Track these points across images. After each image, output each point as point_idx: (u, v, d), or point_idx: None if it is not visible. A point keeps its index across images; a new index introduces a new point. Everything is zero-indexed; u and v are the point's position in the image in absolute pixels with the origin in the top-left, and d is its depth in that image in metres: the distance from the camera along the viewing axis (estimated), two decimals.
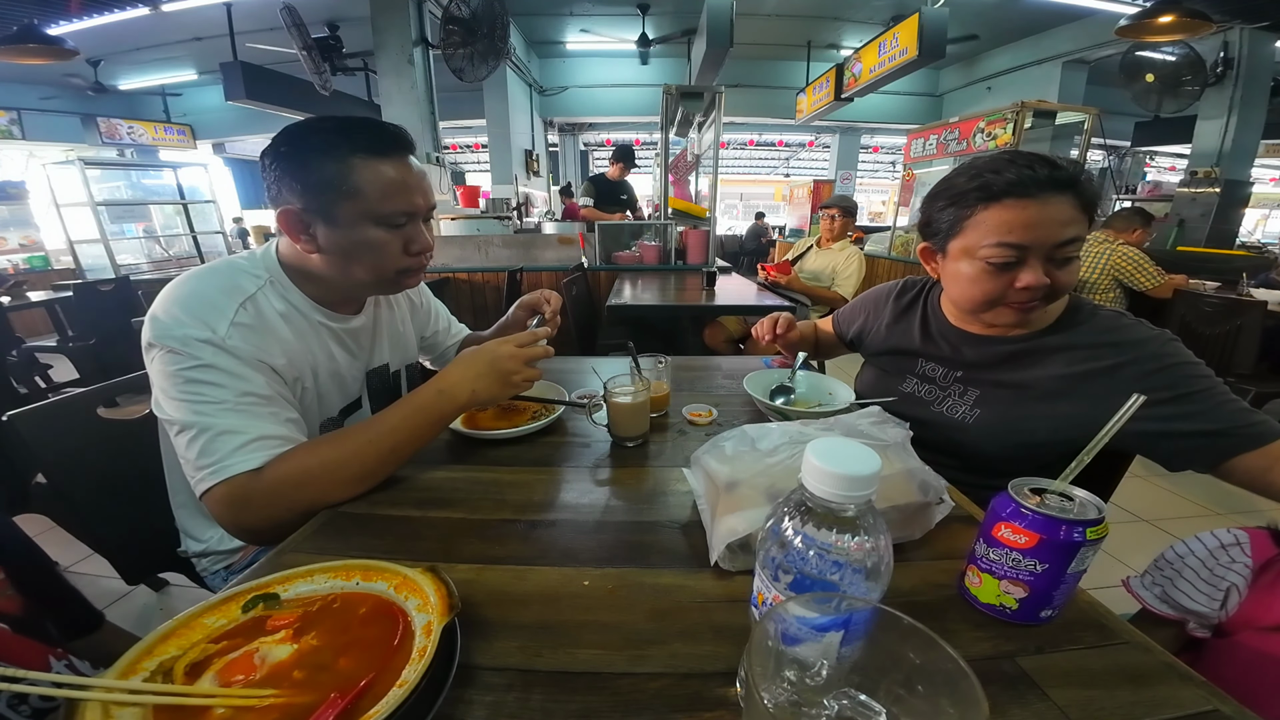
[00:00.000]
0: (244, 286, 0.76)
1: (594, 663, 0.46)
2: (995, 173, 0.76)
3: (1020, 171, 0.74)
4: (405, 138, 0.78)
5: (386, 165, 0.75)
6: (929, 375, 0.97)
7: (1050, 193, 0.73)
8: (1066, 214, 0.74)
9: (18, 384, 2.89)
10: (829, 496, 0.36)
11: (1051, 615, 0.49)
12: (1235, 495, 2.37)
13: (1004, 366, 0.87)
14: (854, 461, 0.36)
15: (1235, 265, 3.62)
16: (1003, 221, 0.76)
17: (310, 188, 0.72)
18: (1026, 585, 0.48)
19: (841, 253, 2.91)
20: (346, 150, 0.72)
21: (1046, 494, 0.50)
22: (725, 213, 19.62)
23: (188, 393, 0.67)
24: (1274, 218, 14.19)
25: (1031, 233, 0.74)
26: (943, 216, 0.84)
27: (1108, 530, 0.47)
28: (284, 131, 0.74)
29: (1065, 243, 0.74)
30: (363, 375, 0.95)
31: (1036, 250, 0.75)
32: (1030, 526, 0.47)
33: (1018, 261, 0.76)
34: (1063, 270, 0.77)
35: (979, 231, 0.78)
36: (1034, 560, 0.47)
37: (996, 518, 0.49)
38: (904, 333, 1.03)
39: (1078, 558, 0.46)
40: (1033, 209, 0.74)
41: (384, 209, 0.76)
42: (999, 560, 0.49)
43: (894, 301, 1.09)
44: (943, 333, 0.97)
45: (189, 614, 0.45)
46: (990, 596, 0.50)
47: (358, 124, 0.75)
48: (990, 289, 0.80)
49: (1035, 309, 0.80)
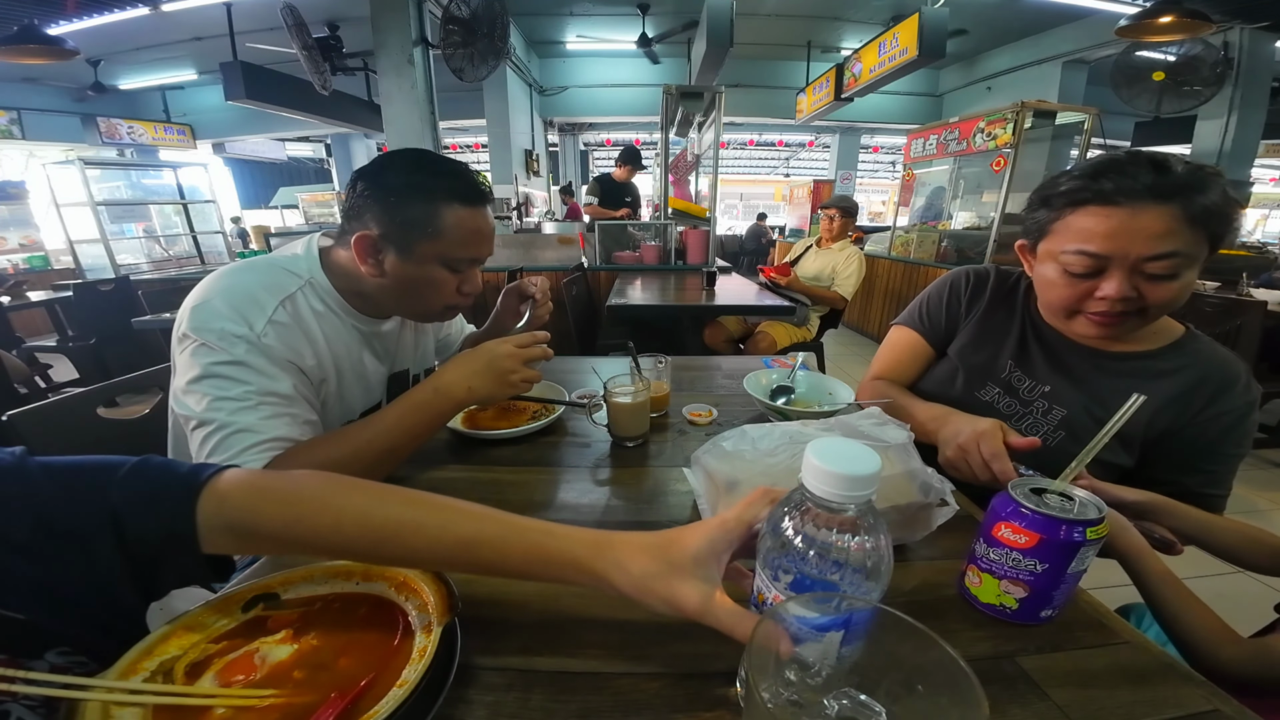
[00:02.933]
0: (285, 285, 0.77)
1: (594, 663, 0.46)
2: (1092, 177, 0.71)
3: (1117, 179, 0.68)
4: (488, 191, 0.82)
5: (470, 213, 0.78)
6: (1014, 385, 0.88)
7: (1146, 201, 0.67)
8: (1161, 226, 0.66)
9: (18, 384, 2.89)
10: (829, 496, 0.36)
11: (1052, 615, 0.49)
12: (1236, 496, 2.36)
13: (1103, 386, 0.81)
14: (854, 462, 0.35)
15: (1235, 265, 3.62)
16: (1085, 228, 0.71)
17: (395, 220, 0.75)
18: (1026, 585, 0.48)
19: (841, 253, 2.91)
20: (440, 193, 0.76)
21: (1046, 494, 0.50)
22: (725, 213, 19.61)
23: (211, 387, 0.68)
24: (1274, 218, 14.18)
25: (1113, 243, 0.69)
26: (1036, 216, 0.80)
27: (1108, 530, 0.47)
28: (382, 159, 0.78)
29: (1156, 258, 0.67)
30: (385, 379, 0.95)
31: (1119, 261, 0.70)
32: (1030, 526, 0.47)
33: (1098, 271, 0.72)
34: (1156, 285, 0.70)
35: (1063, 236, 0.74)
36: (1034, 560, 0.47)
37: (996, 517, 0.49)
38: (999, 330, 0.93)
39: (1078, 557, 0.46)
40: (1118, 217, 0.68)
41: (456, 253, 0.79)
42: (999, 560, 0.49)
43: (992, 292, 0.96)
44: (1041, 336, 0.88)
45: (189, 614, 0.45)
46: (990, 596, 0.50)
47: (452, 169, 0.79)
48: (1068, 296, 0.76)
49: (1117, 323, 0.74)
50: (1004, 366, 0.90)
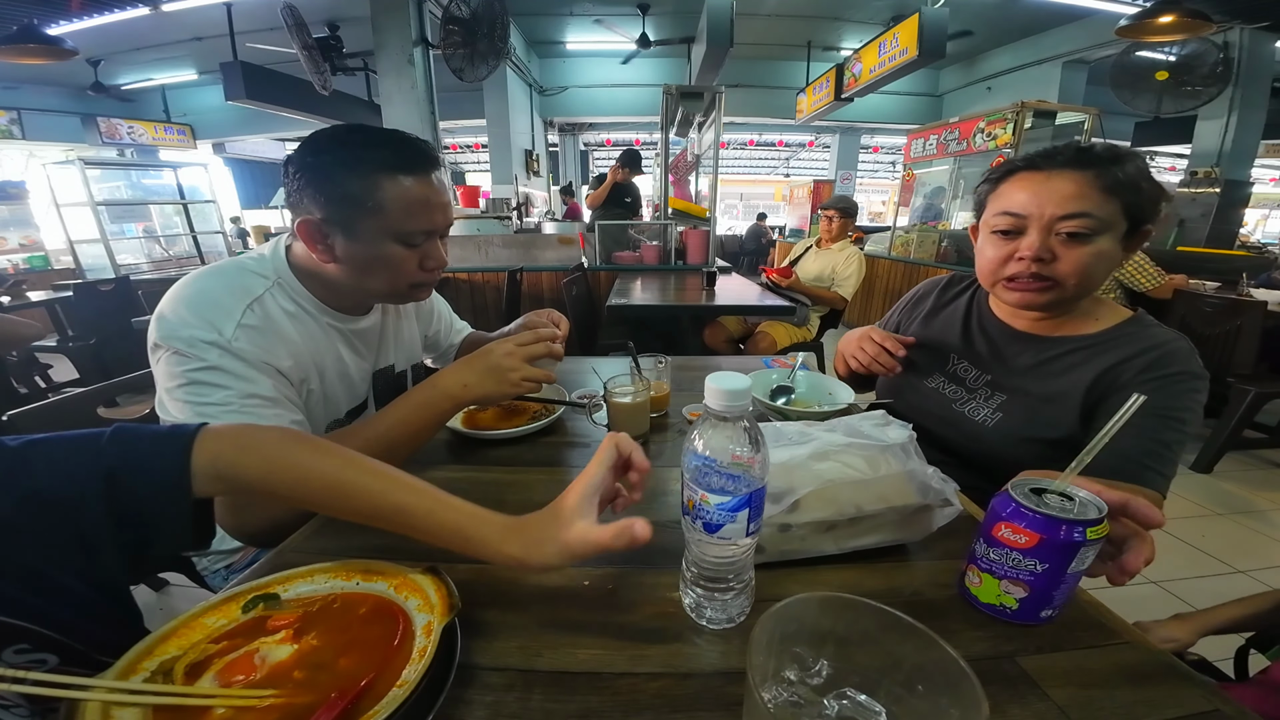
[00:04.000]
0: (251, 288, 0.75)
1: (594, 663, 0.46)
2: (1026, 156, 0.81)
3: (1045, 155, 0.78)
4: (432, 154, 0.77)
5: (412, 182, 0.73)
6: (960, 375, 0.95)
7: (1063, 167, 0.75)
8: (1074, 189, 0.74)
9: (18, 384, 2.89)
10: (720, 407, 0.44)
11: (1052, 615, 0.49)
12: (1235, 496, 2.37)
13: (1038, 371, 0.86)
14: (733, 381, 0.44)
15: (1235, 265, 3.62)
16: (1010, 193, 0.80)
17: (333, 200, 0.71)
18: (1027, 585, 0.48)
19: (841, 253, 2.91)
20: (374, 166, 0.71)
21: (1047, 493, 0.50)
22: (725, 213, 19.60)
23: (192, 394, 0.67)
24: (1274, 218, 14.18)
25: (1031, 202, 0.77)
26: (980, 193, 0.88)
27: (1108, 530, 0.47)
28: (310, 140, 0.73)
29: (1067, 216, 0.74)
30: (369, 376, 0.94)
31: (1036, 220, 0.77)
32: (1031, 526, 0.47)
33: (1020, 231, 0.79)
34: (1069, 248, 0.76)
35: (995, 205, 0.83)
36: (1034, 560, 0.47)
37: (997, 517, 0.49)
38: (944, 327, 1.01)
39: (1078, 557, 0.46)
40: (1037, 180, 0.77)
41: (405, 227, 0.75)
42: (999, 560, 0.49)
43: (938, 294, 1.07)
44: (985, 328, 0.95)
45: (189, 614, 0.45)
46: (990, 596, 0.50)
47: (386, 138, 0.74)
48: (994, 259, 0.83)
49: (1036, 290, 0.80)
50: (950, 359, 0.97)
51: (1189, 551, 1.93)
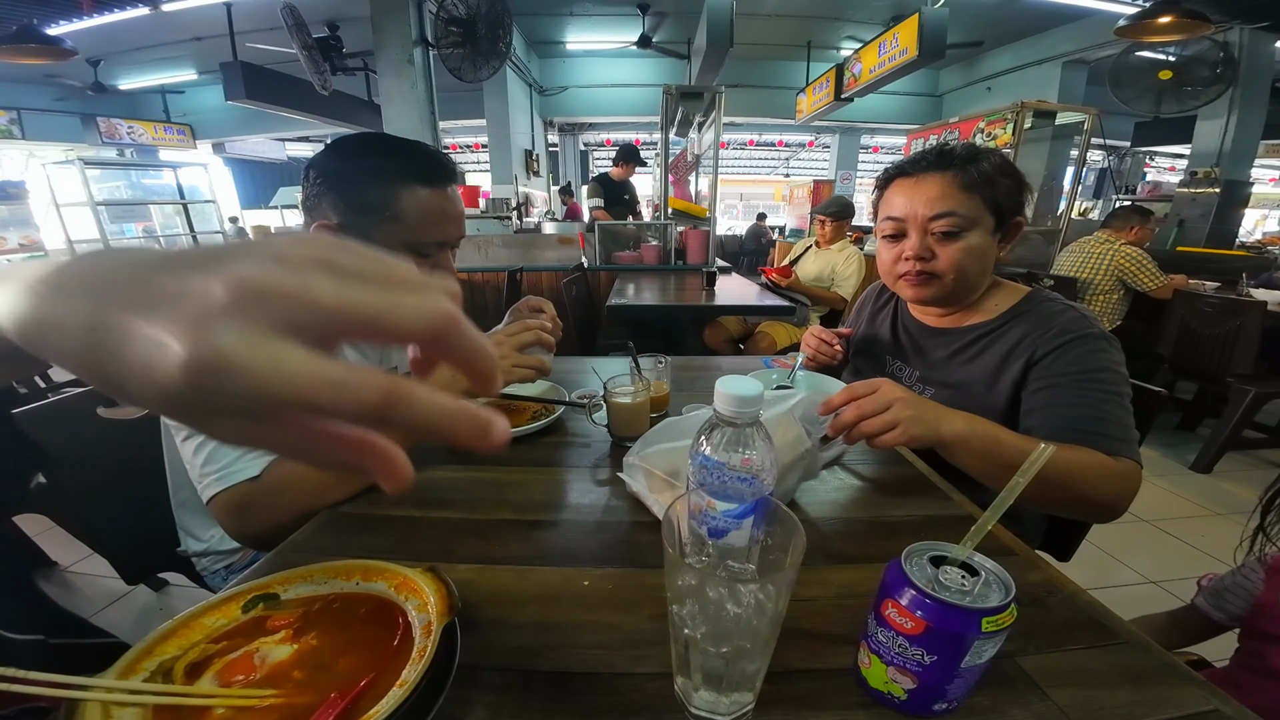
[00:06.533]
0: None
1: (594, 663, 0.46)
2: (900, 163, 0.90)
3: (915, 161, 0.87)
4: (451, 167, 0.78)
5: (430, 194, 0.74)
6: (895, 374, 1.01)
7: (928, 170, 0.84)
8: (937, 190, 0.83)
9: (18, 384, 2.89)
10: (730, 414, 0.42)
11: (948, 708, 0.41)
12: (1235, 496, 2.37)
13: (952, 362, 0.93)
14: (744, 385, 0.43)
15: (1235, 265, 3.62)
16: (891, 200, 0.89)
17: (353, 207, 0.72)
18: (914, 676, 0.39)
19: (840, 253, 2.91)
20: (395, 175, 0.72)
21: (947, 563, 0.41)
22: (725, 213, 19.61)
23: None
24: (1273, 217, 14.18)
25: (907, 206, 0.86)
26: (874, 200, 0.97)
27: (1014, 617, 0.38)
28: (334, 146, 0.75)
29: (936, 216, 0.83)
30: None
31: (912, 221, 0.85)
32: (919, 610, 0.38)
33: (902, 234, 0.88)
34: (944, 245, 0.84)
35: (882, 210, 0.92)
36: (921, 650, 0.39)
37: (886, 592, 0.41)
38: (878, 331, 1.08)
39: (972, 651, 0.37)
40: (908, 185, 0.86)
41: (421, 237, 0.76)
42: (886, 644, 0.40)
43: (875, 298, 1.14)
44: (907, 327, 1.02)
45: (189, 614, 0.45)
46: (879, 682, 0.42)
47: (409, 149, 0.75)
48: (886, 261, 0.91)
49: (923, 284, 0.87)
50: (886, 359, 1.05)
51: (1189, 551, 1.93)
